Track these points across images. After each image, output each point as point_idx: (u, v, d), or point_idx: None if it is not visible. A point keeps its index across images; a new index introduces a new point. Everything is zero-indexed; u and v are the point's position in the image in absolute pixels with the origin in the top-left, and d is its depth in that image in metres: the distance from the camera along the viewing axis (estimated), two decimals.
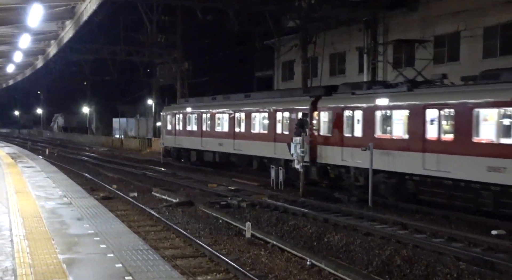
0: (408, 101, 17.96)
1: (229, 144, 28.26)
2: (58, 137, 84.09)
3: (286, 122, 24.00)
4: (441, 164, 16.24)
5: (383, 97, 18.88)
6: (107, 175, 29.67)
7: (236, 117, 27.93)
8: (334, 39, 33.53)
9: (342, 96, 21.35)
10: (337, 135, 20.70)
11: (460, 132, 15.88)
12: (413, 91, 18.12)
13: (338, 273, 11.11)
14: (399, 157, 17.75)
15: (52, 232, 10.48)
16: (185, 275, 10.59)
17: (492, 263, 11.31)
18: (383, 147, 18.46)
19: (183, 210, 18.80)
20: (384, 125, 19.11)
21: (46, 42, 26.55)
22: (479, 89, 15.96)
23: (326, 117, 21.62)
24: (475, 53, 26.18)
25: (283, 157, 23.15)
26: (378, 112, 19.03)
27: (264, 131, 25.66)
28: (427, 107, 17.08)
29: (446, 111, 16.47)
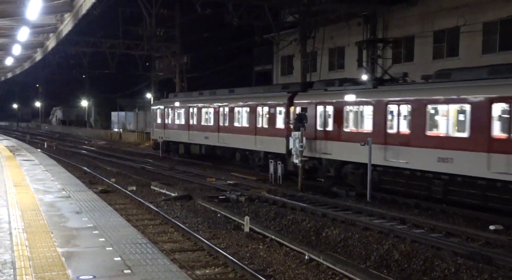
0: (372, 97, 19.30)
1: (214, 137, 29.66)
2: (57, 131, 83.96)
3: (266, 117, 25.35)
4: (400, 156, 17.84)
5: (351, 94, 20.18)
6: (105, 169, 29.67)
7: (221, 111, 29.18)
8: (333, 34, 33.48)
9: (316, 92, 22.66)
10: (311, 128, 21.66)
11: (415, 126, 17.39)
12: (377, 88, 19.56)
13: (336, 267, 11.15)
14: (365, 149, 18.66)
15: (51, 225, 10.48)
16: (183, 268, 10.62)
17: (490, 258, 11.36)
18: (352, 140, 19.72)
19: (182, 204, 18.82)
20: (352, 120, 20.35)
21: (45, 35, 26.48)
22: (432, 87, 17.49)
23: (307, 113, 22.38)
24: (475, 48, 26.16)
25: (263, 149, 25.13)
26: (347, 107, 20.34)
27: (246, 125, 26.92)
28: (388, 103, 18.49)
29: (404, 107, 17.94)
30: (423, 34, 28.31)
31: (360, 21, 31.26)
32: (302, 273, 11.24)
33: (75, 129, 78.56)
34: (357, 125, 20.07)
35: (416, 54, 29.60)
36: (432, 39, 28.43)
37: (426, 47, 28.80)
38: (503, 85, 15.12)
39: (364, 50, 29.90)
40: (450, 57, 27.26)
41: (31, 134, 65.89)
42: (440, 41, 28.14)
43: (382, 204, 17.94)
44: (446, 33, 27.65)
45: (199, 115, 31.76)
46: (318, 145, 21.58)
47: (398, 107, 18.21)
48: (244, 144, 26.90)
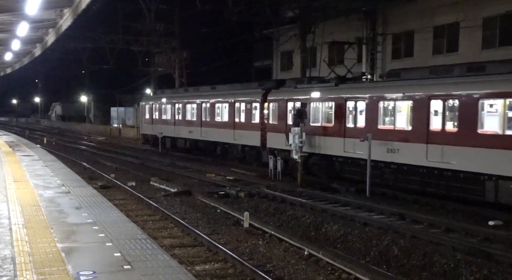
0: (334, 94, 21.07)
1: (197, 131, 31.73)
2: (56, 126, 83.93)
3: (243, 112, 27.15)
4: (356, 148, 19.53)
5: (316, 91, 21.86)
6: (105, 164, 29.68)
7: (203, 107, 31.25)
8: (333, 29, 33.39)
9: (287, 89, 24.40)
10: (282, 123, 23.56)
11: (369, 121, 19.18)
12: (339, 86, 21.37)
13: (336, 263, 11.17)
14: (329, 142, 20.67)
15: (51, 221, 10.50)
16: (183, 264, 10.63)
17: (489, 254, 11.39)
18: (317, 133, 21.60)
19: (181, 199, 18.84)
20: (317, 115, 21.98)
21: (44, 31, 26.39)
22: (383, 85, 19.41)
23: (274, 107, 24.53)
24: (474, 43, 26.10)
25: (241, 142, 27.27)
26: (312, 104, 22.03)
27: (225, 120, 28.89)
28: (347, 100, 20.30)
29: (360, 103, 19.73)
30: (423, 29, 28.24)
31: (360, 17, 31.18)
32: (301, 268, 11.26)
33: (74, 125, 78.49)
34: (321, 120, 21.71)
35: (416, 49, 29.54)
36: (432, 35, 28.36)
37: (426, 42, 28.74)
38: (439, 85, 16.94)
39: (363, 45, 29.85)
40: (449, 53, 27.21)
41: (30, 130, 65.89)
42: (440, 36, 28.07)
43: (382, 200, 17.95)
44: (446, 29, 27.59)
45: (183, 111, 33.59)
46: (289, 138, 22.47)
47: (355, 104, 19.96)
48: (223, 137, 28.86)
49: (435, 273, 10.91)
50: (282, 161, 22.93)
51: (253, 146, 26.35)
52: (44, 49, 33.21)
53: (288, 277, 10.74)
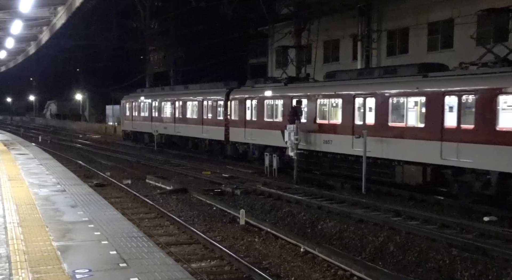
0: (283, 93, 23.74)
1: (171, 127, 34.43)
2: (51, 124, 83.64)
3: (210, 109, 29.85)
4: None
5: (268, 90, 24.65)
6: (100, 162, 29.62)
7: (176, 105, 33.99)
8: (328, 26, 33.40)
9: (246, 88, 26.99)
10: (242, 119, 26.31)
11: (310, 116, 21.85)
12: (287, 86, 23.99)
13: (332, 259, 11.20)
14: (279, 135, 22.54)
15: (46, 219, 10.47)
16: (179, 262, 10.63)
17: (484, 249, 11.43)
18: (270, 127, 24.11)
19: (177, 197, 18.83)
20: (269, 112, 24.62)
21: (39, 28, 26.29)
22: (321, 85, 22.36)
23: (235, 105, 27.01)
24: (469, 40, 26.13)
25: (208, 137, 30.08)
26: (266, 101, 24.76)
27: (195, 116, 31.60)
28: (293, 98, 22.52)
29: (304, 101, 22.15)
30: (418, 26, 28.28)
31: (355, 14, 31.19)
32: (297, 265, 11.28)
33: (69, 123, 78.27)
34: (272, 116, 24.29)
35: (410, 46, 29.59)
36: (427, 31, 28.41)
37: (421, 39, 28.79)
38: (361, 85, 19.81)
39: (358, 42, 29.87)
40: (444, 49, 27.27)
41: (25, 128, 65.67)
42: (435, 33, 28.12)
43: (377, 196, 17.99)
44: (441, 25, 27.64)
45: (159, 108, 36.39)
46: (247, 133, 25.88)
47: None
48: (193, 132, 31.70)
49: (430, 269, 10.95)
50: (242, 151, 26.78)
51: (218, 140, 29.01)
52: (38, 47, 33.08)
53: (284, 274, 10.75)
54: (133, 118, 40.69)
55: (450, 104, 16.34)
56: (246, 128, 25.91)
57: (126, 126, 42.37)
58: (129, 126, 41.64)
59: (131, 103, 41.13)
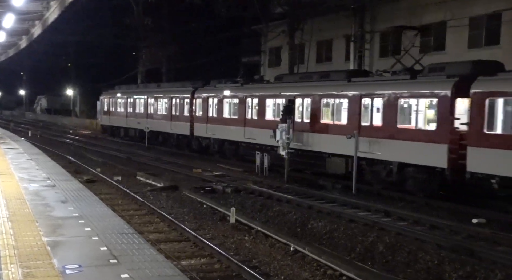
0: (239, 92, 26.53)
1: (144, 122, 36.56)
2: (41, 119, 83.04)
3: (178, 106, 32.69)
4: (252, 134, 25.17)
5: (227, 90, 27.47)
6: (91, 158, 29.48)
7: (149, 102, 36.53)
8: (321, 26, 33.45)
9: (209, 88, 30.00)
10: (205, 116, 29.37)
11: (259, 113, 24.78)
12: (243, 86, 26.69)
13: (322, 259, 11.24)
14: (235, 130, 26.11)
15: (36, 214, 10.42)
16: (169, 259, 10.61)
17: (472, 251, 11.53)
18: (228, 124, 27.08)
19: (168, 194, 18.80)
20: (228, 109, 27.42)
21: (31, 23, 26.08)
22: (269, 86, 25.32)
23: (199, 103, 30.16)
24: (461, 43, 26.32)
25: (176, 132, 32.80)
26: (225, 100, 27.62)
27: (165, 113, 34.20)
28: (247, 97, 25.67)
29: (255, 100, 25.09)
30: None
31: (349, 14, 31.25)
32: (287, 264, 11.31)
33: (60, 118, 77.78)
34: (230, 113, 27.10)
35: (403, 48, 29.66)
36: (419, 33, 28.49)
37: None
38: (301, 87, 22.59)
39: (352, 42, 29.94)
40: (436, 52, 27.39)
41: (15, 123, 65.20)
42: (427, 35, 28.25)
43: (368, 197, 18.07)
44: (433, 27, 27.77)
45: (134, 105, 38.94)
46: (209, 128, 28.91)
47: (252, 100, 25.42)
48: (164, 128, 34.24)
49: (419, 270, 11.02)
50: (204, 145, 29.91)
51: (185, 135, 31.88)
52: (30, 41, 32.83)
53: (274, 273, 10.78)
54: (110, 114, 43.25)
55: (365, 106, 19.20)
56: (208, 124, 29.03)
57: (104, 121, 45.07)
58: (106, 121, 44.30)
59: (108, 99, 43.63)
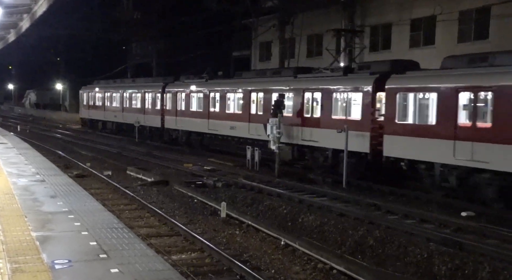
0: (204, 88, 28.95)
1: (120, 115, 39.51)
2: (30, 114, 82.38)
3: (150, 100, 35.19)
4: (215, 126, 27.54)
5: (193, 85, 29.84)
6: (80, 153, 29.33)
7: (124, 96, 38.93)
8: (312, 21, 33.41)
9: (178, 83, 32.29)
10: (174, 109, 31.64)
11: (221, 107, 27.17)
12: (207, 82, 29.12)
13: (312, 253, 11.28)
14: (201, 123, 28.75)
15: (25, 209, 10.35)
16: (160, 253, 10.60)
17: (461, 244, 11.61)
18: (194, 116, 29.61)
19: (158, 189, 18.76)
20: (194, 103, 29.76)
21: (19, 16, 25.84)
22: (230, 82, 27.55)
23: (169, 97, 32.41)
24: (450, 37, 26.40)
25: (149, 124, 35.20)
26: (192, 94, 29.96)
27: (139, 106, 36.75)
28: (210, 92, 28.18)
29: (217, 94, 27.51)
30: (400, 22, 28.45)
31: (339, 8, 31.22)
32: (278, 258, 11.34)
33: (49, 113, 77.20)
34: (196, 107, 29.57)
35: (393, 42, 29.75)
36: (409, 28, 28.59)
37: (403, 35, 28.96)
38: (256, 83, 24.97)
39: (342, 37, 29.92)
40: (426, 46, 27.48)
41: (3, 117, 64.64)
42: (417, 29, 28.32)
43: (358, 191, 18.13)
44: (423, 22, 27.83)
45: (111, 99, 41.12)
46: (178, 121, 31.25)
47: (215, 94, 27.74)
48: (138, 120, 36.33)
49: (409, 263, 11.09)
50: (174, 136, 32.36)
51: (157, 127, 34.14)
52: (18, 35, 32.54)
53: (265, 266, 10.80)
54: (89, 107, 45.98)
55: (307, 99, 21.53)
56: (177, 117, 31.38)
57: (83, 114, 47.92)
58: (86, 115, 47.10)
59: (88, 94, 46.15)
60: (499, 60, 15.22)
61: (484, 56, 15.97)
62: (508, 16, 23.68)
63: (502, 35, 23.81)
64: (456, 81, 15.75)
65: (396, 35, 29.49)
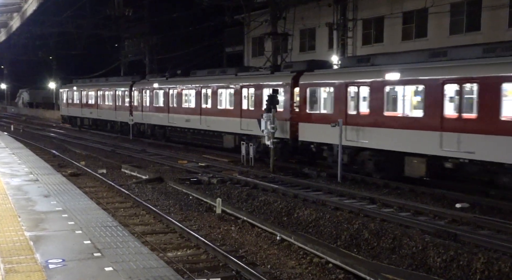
0: (164, 85, 32.78)
1: (95, 112, 43.11)
2: (24, 113, 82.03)
3: (120, 98, 38.59)
4: (174, 120, 31.36)
5: (156, 83, 33.71)
6: (74, 151, 29.23)
7: (98, 94, 42.36)
8: (304, 15, 33.37)
9: (144, 81, 36.33)
10: (140, 105, 35.70)
11: (178, 102, 30.89)
12: (168, 80, 32.72)
13: (307, 247, 11.29)
14: (162, 117, 32.56)
15: (18, 209, 10.30)
16: (155, 251, 10.58)
17: (456, 235, 11.66)
18: (158, 111, 33.19)
19: (153, 186, 18.71)
20: (156, 99, 33.57)
21: (8, 15, 25.59)
22: (183, 80, 31.13)
23: (136, 94, 36.33)
24: (442, 29, 26.45)
25: (120, 120, 38.81)
26: (154, 91, 33.79)
27: (110, 103, 40.17)
28: (169, 89, 31.98)
29: (175, 91, 31.18)
30: (393, 15, 28.45)
31: (331, 2, 31.14)
32: (273, 253, 11.34)
33: (42, 112, 76.86)
34: (158, 103, 33.31)
35: (385, 35, 29.77)
36: (401, 20, 28.60)
37: (396, 28, 28.98)
38: (205, 80, 28.54)
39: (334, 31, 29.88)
40: (418, 38, 27.52)
41: None
42: (409, 22, 28.34)
43: (353, 184, 18.17)
44: (415, 14, 27.85)
45: (87, 97, 44.78)
46: (144, 116, 35.07)
47: (173, 91, 31.58)
48: (110, 116, 40.25)
49: (404, 255, 11.12)
50: (141, 130, 35.95)
51: (125, 122, 37.59)
52: (9, 34, 32.23)
53: (260, 262, 10.80)
54: (68, 105, 49.58)
55: (244, 94, 24.79)
56: (143, 112, 35.16)
57: (63, 112, 51.48)
58: (65, 112, 50.67)
59: (67, 92, 49.70)
60: (378, 61, 18.89)
61: (367, 57, 19.97)
62: (499, 8, 23.73)
63: (494, 26, 23.87)
64: (347, 78, 19.33)
65: (388, 28, 29.52)
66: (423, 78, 16.57)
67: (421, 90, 16.66)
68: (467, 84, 15.33)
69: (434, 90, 16.07)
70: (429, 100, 16.28)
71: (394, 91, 17.84)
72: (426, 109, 16.35)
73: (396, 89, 17.71)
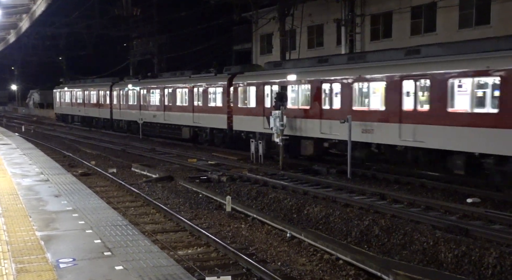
0: (137, 86, 37.45)
1: (82, 110, 48.76)
2: (34, 114, 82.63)
3: (102, 97, 43.98)
4: (144, 116, 35.79)
5: (130, 84, 38.55)
6: (85, 151, 29.39)
7: (85, 94, 47.63)
8: (312, 11, 33.26)
9: (121, 82, 41.32)
10: (117, 104, 40.88)
11: (147, 100, 35.54)
12: (140, 81, 37.51)
13: (318, 244, 11.26)
14: (135, 113, 37.06)
15: (29, 209, 10.38)
16: (165, 249, 10.62)
17: (467, 230, 11.58)
18: (132, 108, 38.21)
19: (163, 185, 18.77)
20: (131, 98, 38.29)
21: (18, 16, 25.82)
22: (151, 81, 35.93)
23: (115, 94, 41.21)
24: (451, 23, 26.22)
25: (102, 116, 44.22)
26: (129, 91, 38.04)
27: (95, 102, 45.49)
28: (141, 89, 36.53)
29: (145, 91, 35.79)
30: (401, 10, 28.27)
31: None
32: (284, 250, 11.33)
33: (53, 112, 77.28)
34: (133, 101, 38.00)
35: (394, 30, 29.59)
36: (410, 15, 28.41)
37: (404, 23, 28.79)
38: (167, 81, 33.50)
39: (342, 27, 29.77)
40: (427, 33, 27.32)
41: (7, 118, 64.84)
42: (418, 16, 28.13)
43: (363, 181, 18.10)
44: (423, 9, 27.65)
45: (76, 96, 50.09)
46: (121, 113, 39.94)
47: (143, 91, 36.11)
48: (95, 113, 45.76)
49: (415, 251, 11.07)
50: (120, 126, 41.05)
51: (107, 118, 42.86)
52: (18, 35, 32.53)
53: (271, 259, 10.79)
54: (61, 104, 54.97)
55: (195, 93, 29.64)
56: (120, 110, 40.10)
57: (57, 110, 57.09)
58: (59, 110, 56.23)
59: (59, 92, 55.26)
60: (288, 65, 23.75)
61: (280, 62, 25.10)
62: (509, 0, 23.48)
63: (504, 19, 23.64)
64: (264, 79, 23.97)
65: (396, 23, 29.34)
66: (310, 79, 21.42)
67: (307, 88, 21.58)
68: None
69: (315, 88, 20.90)
70: (314, 96, 20.94)
71: (294, 88, 22.58)
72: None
73: (294, 88, 22.50)
